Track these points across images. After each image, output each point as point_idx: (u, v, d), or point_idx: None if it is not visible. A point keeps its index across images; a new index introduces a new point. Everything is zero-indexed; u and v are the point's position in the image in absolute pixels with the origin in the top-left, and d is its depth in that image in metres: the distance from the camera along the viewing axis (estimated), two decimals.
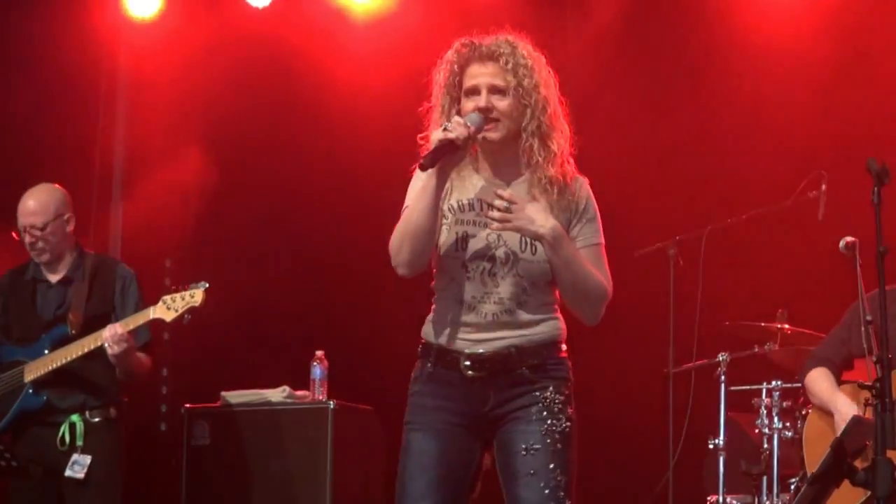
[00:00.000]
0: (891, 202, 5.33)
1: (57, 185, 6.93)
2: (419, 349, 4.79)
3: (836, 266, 5.76)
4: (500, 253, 4.69)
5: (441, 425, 4.70)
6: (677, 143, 8.93)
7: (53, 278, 6.76)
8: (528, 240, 4.68)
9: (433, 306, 4.79)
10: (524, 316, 4.70)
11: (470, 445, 4.72)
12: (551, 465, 4.59)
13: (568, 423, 4.67)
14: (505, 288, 4.68)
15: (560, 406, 4.67)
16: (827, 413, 6.08)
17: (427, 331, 4.77)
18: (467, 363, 4.66)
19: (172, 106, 9.47)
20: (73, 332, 6.49)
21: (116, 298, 6.64)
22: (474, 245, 4.70)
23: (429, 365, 4.74)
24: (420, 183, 4.67)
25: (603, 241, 4.82)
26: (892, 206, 5.40)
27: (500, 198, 4.60)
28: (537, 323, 4.72)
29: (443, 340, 4.73)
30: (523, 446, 4.61)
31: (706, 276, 7.71)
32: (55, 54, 9.07)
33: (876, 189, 5.06)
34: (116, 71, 9.83)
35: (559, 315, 4.77)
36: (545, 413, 4.65)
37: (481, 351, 4.67)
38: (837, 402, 6.03)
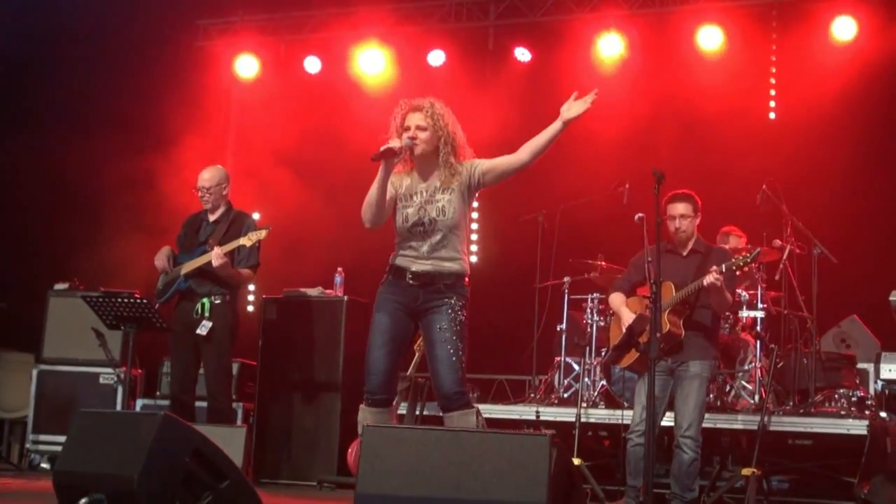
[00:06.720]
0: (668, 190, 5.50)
1: (220, 166, 6.90)
2: (386, 269, 4.84)
3: (632, 230, 5.54)
4: (426, 220, 4.70)
5: (392, 310, 4.74)
6: (550, 157, 8.29)
7: (211, 219, 6.71)
8: (442, 208, 4.69)
9: (395, 250, 4.83)
10: (443, 254, 4.72)
11: (407, 323, 4.75)
12: (454, 338, 4.65)
13: (463, 318, 4.72)
14: (433, 238, 4.71)
15: (459, 308, 4.71)
16: (619, 317, 5.98)
17: (391, 259, 4.83)
18: (409, 276, 4.72)
19: (267, 133, 9.26)
20: (209, 250, 6.48)
21: (240, 237, 6.51)
22: (412, 218, 4.73)
23: (389, 277, 4.79)
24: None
25: None
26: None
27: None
28: (451, 260, 4.74)
29: (397, 263, 4.78)
30: (438, 326, 4.67)
31: (559, 234, 7.72)
32: (187, 106, 8.85)
33: (657, 185, 5.11)
34: (230, 113, 9.67)
35: (465, 260, 4.79)
36: (450, 311, 4.68)
37: (418, 269, 4.71)
38: (622, 312, 5.87)
